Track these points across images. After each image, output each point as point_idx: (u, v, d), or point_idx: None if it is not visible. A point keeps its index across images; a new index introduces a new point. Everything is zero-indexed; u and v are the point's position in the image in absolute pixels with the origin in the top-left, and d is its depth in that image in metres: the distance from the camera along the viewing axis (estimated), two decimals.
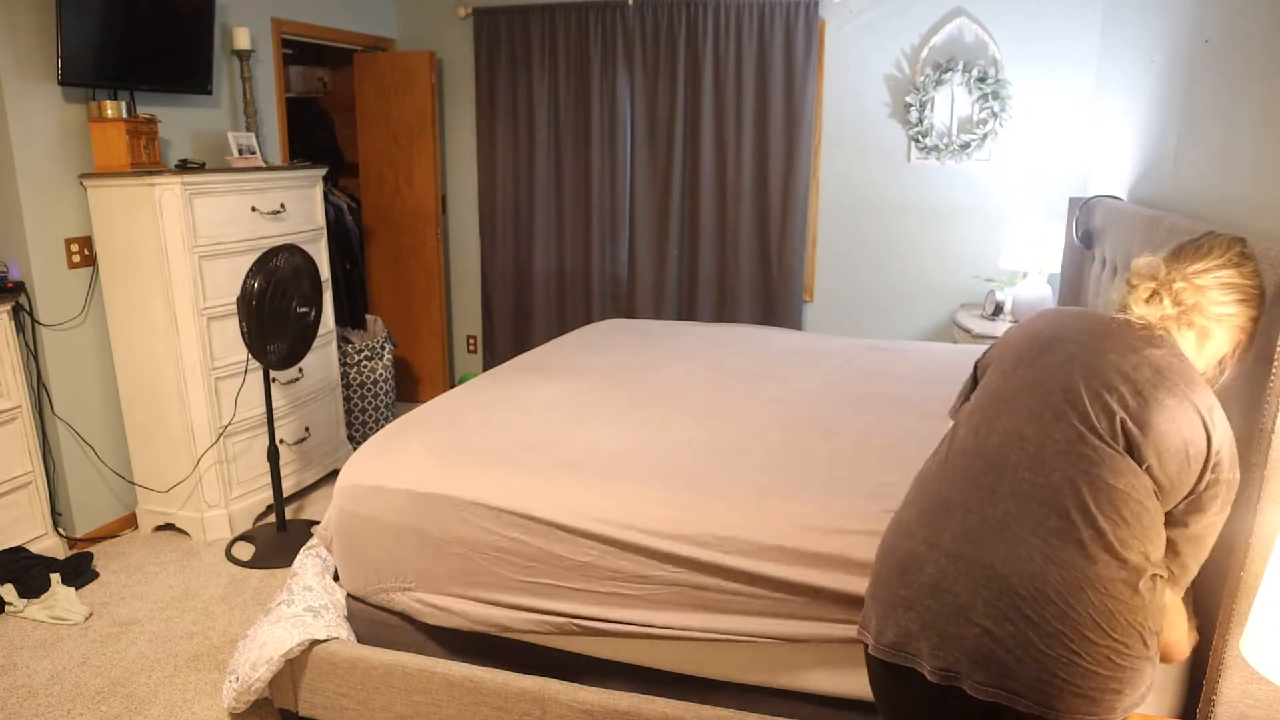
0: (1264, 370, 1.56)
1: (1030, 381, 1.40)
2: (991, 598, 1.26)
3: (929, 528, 1.37)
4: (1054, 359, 1.40)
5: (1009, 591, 1.25)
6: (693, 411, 2.60)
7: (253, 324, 3.10)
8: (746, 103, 4.47)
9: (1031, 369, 1.42)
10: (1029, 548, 1.27)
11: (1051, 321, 1.49)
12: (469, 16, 4.89)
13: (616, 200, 4.79)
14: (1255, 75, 2.09)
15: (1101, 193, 3.47)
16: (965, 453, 1.41)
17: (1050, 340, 1.44)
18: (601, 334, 3.69)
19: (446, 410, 2.63)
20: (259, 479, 3.65)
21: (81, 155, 3.28)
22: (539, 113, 4.83)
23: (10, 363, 3.06)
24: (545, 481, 2.11)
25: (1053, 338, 1.44)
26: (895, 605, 1.36)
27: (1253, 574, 1.56)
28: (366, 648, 2.17)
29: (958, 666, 1.26)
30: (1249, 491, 1.57)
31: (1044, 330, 1.47)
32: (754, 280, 4.68)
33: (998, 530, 1.30)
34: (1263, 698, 1.60)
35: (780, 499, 1.98)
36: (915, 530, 1.39)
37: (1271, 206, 1.94)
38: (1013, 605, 1.24)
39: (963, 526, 1.33)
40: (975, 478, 1.36)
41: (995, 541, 1.29)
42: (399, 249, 5.16)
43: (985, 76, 4.11)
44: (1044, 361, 1.41)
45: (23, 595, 2.93)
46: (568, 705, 1.97)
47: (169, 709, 2.43)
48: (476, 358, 5.43)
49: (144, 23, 3.35)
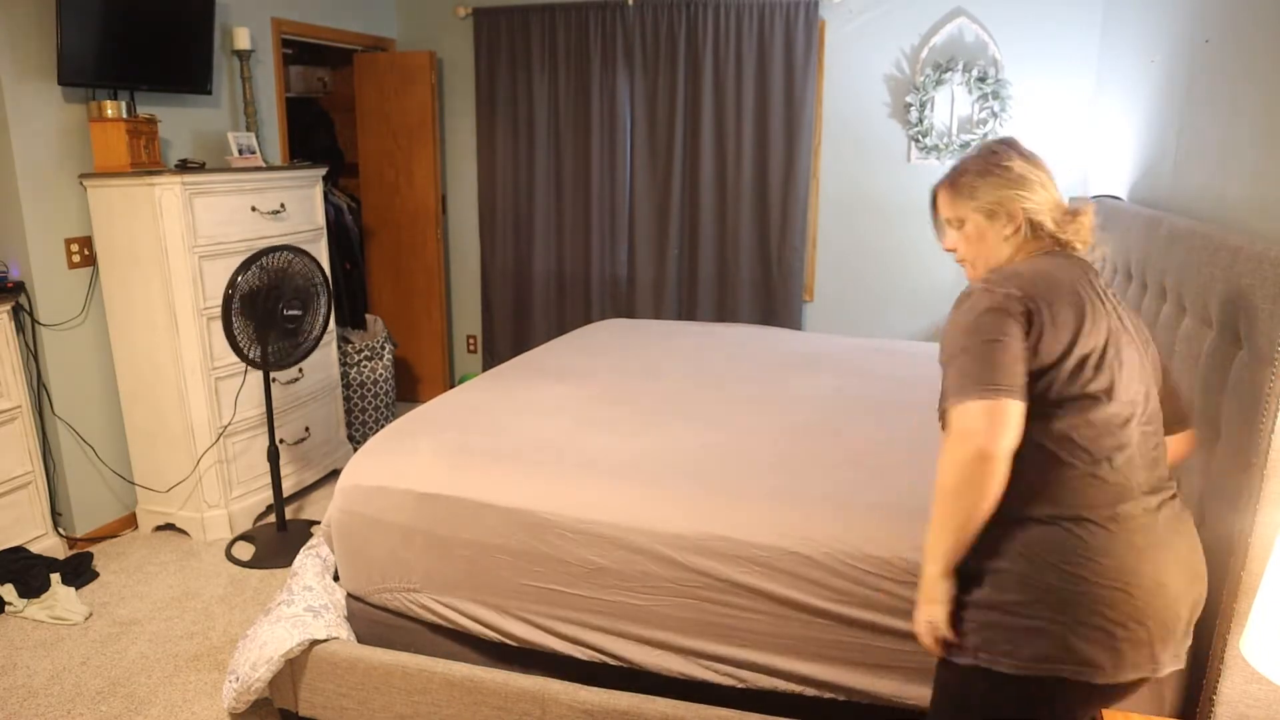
0: (1264, 371, 1.56)
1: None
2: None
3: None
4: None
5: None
6: (698, 414, 2.60)
7: (228, 323, 3.09)
8: (746, 102, 4.47)
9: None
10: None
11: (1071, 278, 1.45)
12: (469, 16, 4.89)
13: (616, 200, 4.79)
14: (1255, 75, 2.09)
15: (1101, 193, 3.47)
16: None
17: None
18: (602, 334, 3.69)
19: (448, 411, 2.63)
20: (259, 479, 3.65)
21: (81, 155, 3.28)
22: (539, 113, 4.83)
23: (10, 363, 3.06)
24: (556, 483, 2.11)
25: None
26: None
27: (1253, 574, 1.56)
28: (366, 648, 2.17)
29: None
30: (1249, 491, 1.57)
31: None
32: (754, 280, 4.68)
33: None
34: (1263, 698, 1.60)
35: (791, 503, 1.99)
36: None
37: (1271, 206, 1.94)
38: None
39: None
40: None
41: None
42: (399, 249, 5.16)
43: (985, 76, 4.11)
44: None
45: (23, 595, 2.93)
46: (568, 705, 1.97)
47: (169, 709, 2.43)
48: (476, 358, 5.43)
49: (144, 22, 3.35)
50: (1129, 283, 2.68)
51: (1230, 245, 1.80)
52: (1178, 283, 2.13)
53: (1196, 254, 2.00)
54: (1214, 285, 1.85)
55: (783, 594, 1.88)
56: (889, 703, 1.86)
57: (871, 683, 1.86)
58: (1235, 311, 1.73)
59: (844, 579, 1.84)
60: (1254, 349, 1.63)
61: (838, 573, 1.85)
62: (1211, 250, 1.90)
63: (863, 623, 1.84)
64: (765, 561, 1.89)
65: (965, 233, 1.53)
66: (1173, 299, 2.20)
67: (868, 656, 1.86)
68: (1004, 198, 1.47)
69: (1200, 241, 1.99)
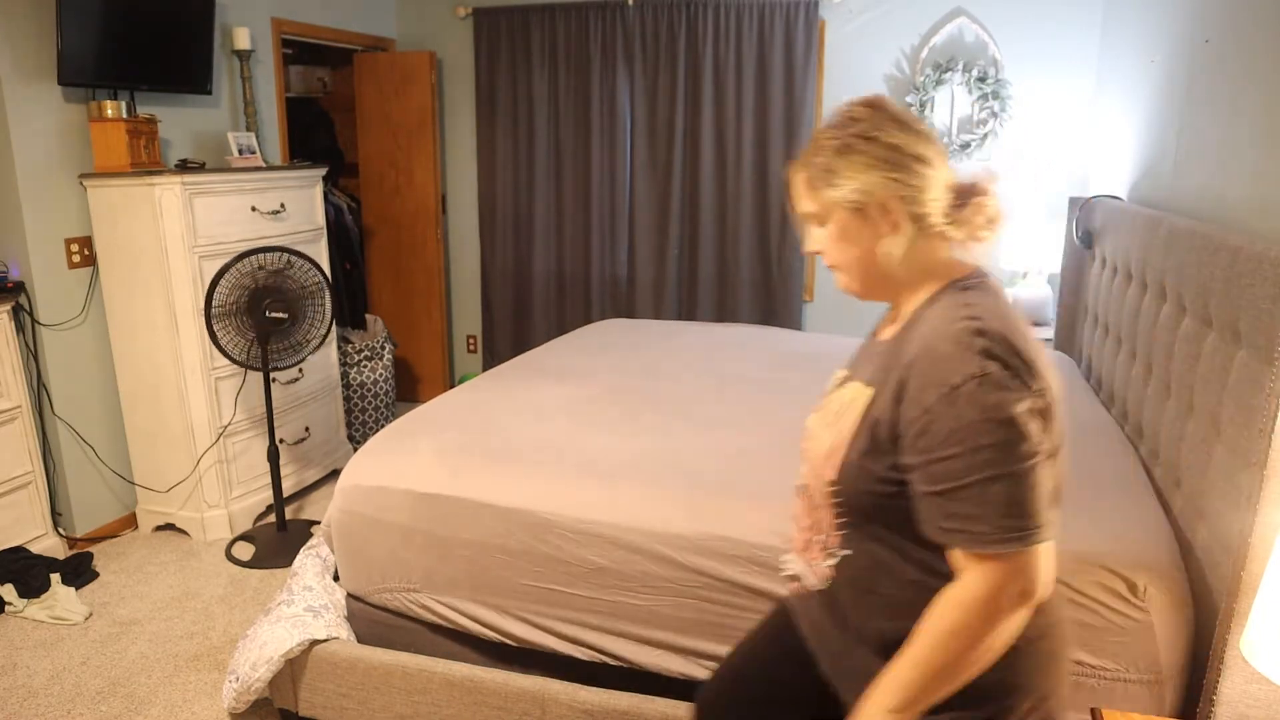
0: (1264, 371, 1.56)
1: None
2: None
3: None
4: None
5: None
6: (698, 414, 2.60)
7: (207, 322, 3.10)
8: (746, 102, 4.47)
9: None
10: None
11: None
12: (469, 16, 4.89)
13: (616, 200, 4.79)
14: (1255, 75, 2.09)
15: (1101, 193, 3.47)
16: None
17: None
18: (602, 334, 3.69)
19: (448, 411, 2.63)
20: (259, 479, 3.65)
21: (81, 155, 3.28)
22: (539, 113, 4.83)
23: (10, 363, 3.06)
24: (556, 483, 2.11)
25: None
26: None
27: (1253, 574, 1.56)
28: (366, 648, 2.17)
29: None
30: (1249, 491, 1.57)
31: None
32: (754, 280, 4.68)
33: None
34: (1263, 698, 1.60)
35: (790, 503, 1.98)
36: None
37: (1271, 206, 1.93)
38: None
39: None
40: None
41: None
42: (399, 249, 5.16)
43: (985, 76, 4.11)
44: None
45: (23, 595, 2.93)
46: (568, 705, 1.97)
47: (169, 709, 2.43)
48: (476, 358, 5.43)
49: (144, 22, 3.35)
50: (1129, 283, 2.68)
51: (1230, 245, 1.80)
52: (1178, 283, 2.13)
53: (1196, 254, 2.00)
54: (1214, 285, 1.85)
55: (783, 594, 1.88)
56: None
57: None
58: (1235, 311, 1.73)
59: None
60: (1254, 349, 1.63)
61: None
62: (1211, 250, 1.90)
63: None
64: (765, 561, 1.89)
65: (830, 232, 1.18)
66: (1173, 299, 2.20)
67: None
68: (872, 183, 1.12)
69: (1200, 241, 1.99)
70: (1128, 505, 1.96)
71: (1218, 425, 1.77)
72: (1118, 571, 1.71)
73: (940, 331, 1.07)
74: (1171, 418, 2.11)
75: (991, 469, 1.01)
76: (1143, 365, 2.45)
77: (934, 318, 1.11)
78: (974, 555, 1.04)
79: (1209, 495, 1.78)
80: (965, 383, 1.01)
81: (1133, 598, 1.69)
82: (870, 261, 1.16)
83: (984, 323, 1.05)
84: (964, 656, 1.06)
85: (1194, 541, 1.85)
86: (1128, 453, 2.31)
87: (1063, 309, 3.64)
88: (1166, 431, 2.13)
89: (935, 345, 1.06)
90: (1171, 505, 2.03)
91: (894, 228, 1.13)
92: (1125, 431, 2.52)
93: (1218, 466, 1.75)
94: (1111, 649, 1.71)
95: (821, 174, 1.15)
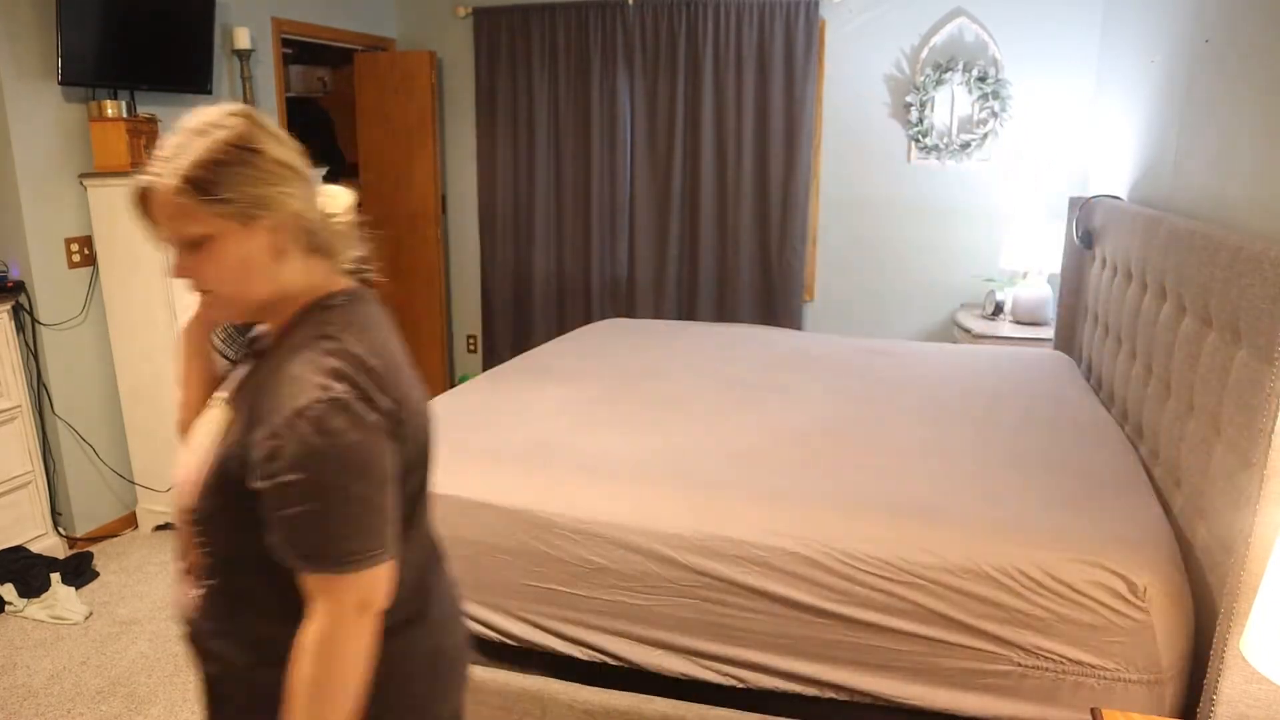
0: (1264, 371, 1.56)
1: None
2: None
3: None
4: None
5: None
6: (698, 414, 2.60)
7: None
8: (746, 102, 4.47)
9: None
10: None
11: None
12: (469, 16, 4.89)
13: (616, 200, 4.79)
14: (1255, 75, 2.09)
15: (1101, 192, 3.47)
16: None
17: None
18: (602, 334, 3.69)
19: (449, 410, 2.62)
20: None
21: (81, 155, 3.28)
22: (539, 113, 4.83)
23: (10, 362, 3.06)
24: (556, 483, 2.11)
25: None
26: None
27: (1253, 574, 1.56)
28: None
29: None
30: (1249, 491, 1.57)
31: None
32: (754, 280, 4.68)
33: None
34: (1263, 698, 1.60)
35: (791, 503, 1.99)
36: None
37: (1271, 206, 1.94)
38: None
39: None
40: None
41: None
42: (399, 249, 5.16)
43: (985, 76, 4.11)
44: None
45: (23, 595, 2.93)
46: (567, 705, 1.97)
47: (169, 709, 2.43)
48: (476, 358, 5.43)
49: (144, 22, 3.35)
50: (1129, 282, 2.68)
51: (1230, 245, 1.80)
52: (1178, 282, 2.13)
53: (1196, 254, 2.00)
54: (1214, 285, 1.85)
55: (783, 594, 1.88)
56: (889, 702, 1.86)
57: (871, 683, 1.86)
58: (1235, 311, 1.73)
59: (844, 579, 1.84)
60: (1254, 349, 1.63)
61: (837, 573, 1.85)
62: (1211, 250, 1.90)
63: (863, 623, 1.84)
64: (765, 561, 1.89)
65: (213, 254, 1.05)
66: (1173, 299, 2.20)
67: (868, 656, 1.86)
68: (262, 198, 1.04)
69: (1200, 241, 1.99)
70: (1128, 505, 1.96)
71: (1218, 425, 1.77)
72: (1118, 571, 1.71)
73: (296, 353, 1.06)
74: (1171, 418, 2.11)
75: (333, 494, 1.00)
76: (1143, 365, 2.45)
77: (294, 340, 1.09)
78: (317, 579, 1.03)
79: (1209, 495, 1.78)
80: (310, 406, 1.00)
81: (1133, 597, 1.70)
82: (249, 283, 1.08)
83: (337, 343, 1.05)
84: (333, 695, 1.03)
85: (1194, 541, 1.85)
86: (1128, 453, 2.31)
87: (1063, 309, 3.64)
88: (1166, 431, 2.13)
89: (288, 367, 1.05)
90: (1171, 505, 2.03)
91: (277, 246, 1.08)
92: (1125, 431, 2.52)
93: (1218, 466, 1.75)
94: (1111, 649, 1.71)
95: (204, 187, 1.02)
